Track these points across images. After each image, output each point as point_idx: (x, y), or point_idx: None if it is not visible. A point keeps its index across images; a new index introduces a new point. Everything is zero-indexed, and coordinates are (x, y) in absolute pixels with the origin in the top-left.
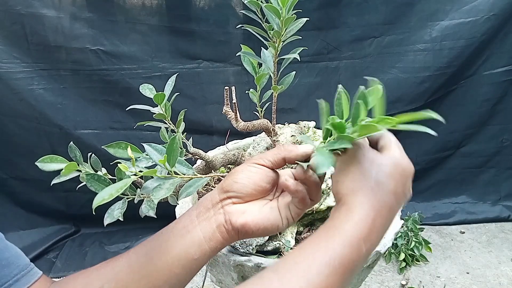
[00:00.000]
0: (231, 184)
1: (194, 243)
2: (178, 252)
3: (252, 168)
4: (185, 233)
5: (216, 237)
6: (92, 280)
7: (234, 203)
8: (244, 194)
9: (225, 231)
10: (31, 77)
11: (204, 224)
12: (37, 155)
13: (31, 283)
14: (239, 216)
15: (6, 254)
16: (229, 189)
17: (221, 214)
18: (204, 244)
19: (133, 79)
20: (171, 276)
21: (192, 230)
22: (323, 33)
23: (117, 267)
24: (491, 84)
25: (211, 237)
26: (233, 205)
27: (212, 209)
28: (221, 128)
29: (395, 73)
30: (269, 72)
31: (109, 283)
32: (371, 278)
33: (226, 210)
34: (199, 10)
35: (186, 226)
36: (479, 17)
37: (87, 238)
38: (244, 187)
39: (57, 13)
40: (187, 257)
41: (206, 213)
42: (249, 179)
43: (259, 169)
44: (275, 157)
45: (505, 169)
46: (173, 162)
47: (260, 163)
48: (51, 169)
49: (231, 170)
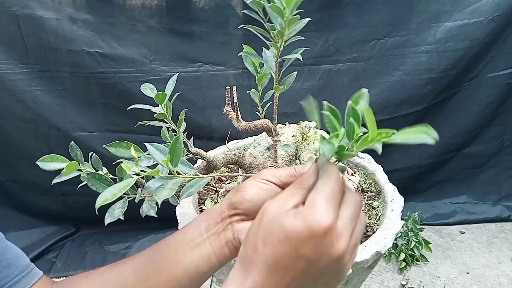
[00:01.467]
0: (241, 201)
1: (203, 257)
2: (187, 266)
3: (262, 185)
4: (194, 246)
5: (224, 252)
6: (97, 286)
7: (242, 220)
8: (253, 212)
9: (233, 247)
10: (29, 79)
11: (213, 238)
12: (35, 157)
13: (31, 284)
14: None
15: (7, 254)
16: (238, 206)
17: (230, 231)
18: (213, 259)
19: (131, 82)
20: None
21: (201, 244)
22: (324, 35)
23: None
24: (495, 86)
25: (220, 252)
26: (242, 222)
27: (221, 223)
28: (221, 133)
29: (399, 75)
30: (271, 72)
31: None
32: (371, 278)
33: (235, 227)
34: (199, 10)
35: (195, 238)
36: (483, 18)
37: (87, 238)
38: (253, 205)
39: (53, 14)
40: (197, 270)
41: (215, 227)
42: (259, 196)
43: (270, 186)
44: (287, 179)
45: (506, 169)
46: (176, 162)
47: (271, 181)
48: (52, 169)
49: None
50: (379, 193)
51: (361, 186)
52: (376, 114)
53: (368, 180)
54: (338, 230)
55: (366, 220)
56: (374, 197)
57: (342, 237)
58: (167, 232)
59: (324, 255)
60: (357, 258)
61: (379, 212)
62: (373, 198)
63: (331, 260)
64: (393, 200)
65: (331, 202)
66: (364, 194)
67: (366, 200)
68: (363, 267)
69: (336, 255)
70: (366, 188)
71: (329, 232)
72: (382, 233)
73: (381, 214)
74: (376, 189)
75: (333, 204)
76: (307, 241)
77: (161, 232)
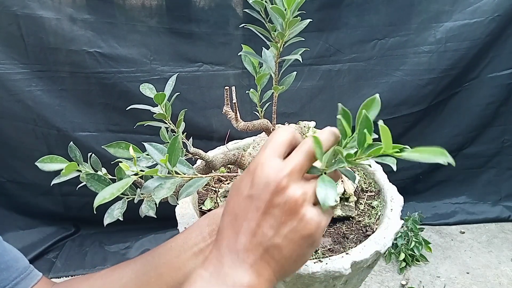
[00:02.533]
0: None
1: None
2: (190, 271)
3: None
4: (198, 252)
5: None
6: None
7: None
8: None
9: None
10: (29, 79)
11: None
12: (34, 158)
13: (31, 286)
14: None
15: (5, 257)
16: None
17: None
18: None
19: (131, 82)
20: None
21: (205, 249)
22: (324, 35)
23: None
24: (496, 86)
25: None
26: None
27: None
28: (221, 134)
29: (400, 75)
30: (270, 72)
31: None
32: (371, 278)
33: None
34: (199, 10)
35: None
36: (483, 18)
37: (87, 238)
38: None
39: (53, 14)
40: None
41: None
42: None
43: None
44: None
45: (506, 170)
46: (174, 161)
47: None
48: (51, 169)
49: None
50: (378, 192)
51: (361, 185)
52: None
53: (368, 179)
54: (273, 161)
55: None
56: (373, 197)
57: (278, 166)
58: (167, 232)
59: (260, 182)
60: (357, 258)
61: (378, 212)
62: (372, 197)
63: (270, 187)
64: (392, 199)
65: (272, 149)
66: (364, 194)
67: (366, 200)
68: (363, 266)
69: (270, 182)
70: (365, 187)
71: (262, 164)
72: (382, 232)
73: (380, 213)
74: (376, 188)
75: (273, 148)
76: (244, 178)
77: (161, 232)
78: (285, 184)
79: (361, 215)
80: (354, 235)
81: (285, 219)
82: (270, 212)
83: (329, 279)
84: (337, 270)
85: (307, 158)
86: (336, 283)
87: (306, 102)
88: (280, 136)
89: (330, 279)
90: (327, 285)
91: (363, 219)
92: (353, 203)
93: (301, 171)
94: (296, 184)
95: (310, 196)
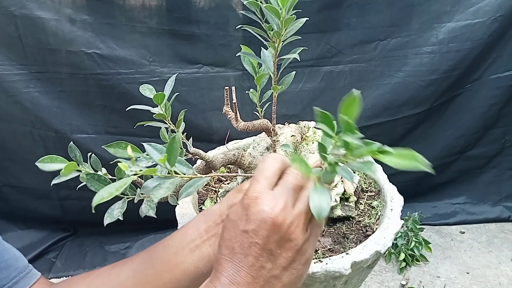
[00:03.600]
0: None
1: (203, 259)
2: (188, 267)
3: None
4: (194, 248)
5: None
6: (95, 287)
7: None
8: None
9: None
10: (26, 80)
11: (213, 240)
12: (31, 161)
13: (30, 285)
14: None
15: (5, 256)
16: None
17: None
18: (213, 260)
19: (130, 84)
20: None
21: (201, 245)
22: (326, 36)
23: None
24: (498, 88)
25: None
26: None
27: (221, 224)
28: (221, 135)
29: (402, 76)
30: (269, 72)
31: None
32: (371, 278)
33: None
34: (199, 11)
35: (195, 240)
36: (486, 18)
37: (87, 238)
38: None
39: (52, 15)
40: (197, 271)
41: (215, 228)
42: None
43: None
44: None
45: (507, 170)
46: (173, 161)
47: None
48: (51, 169)
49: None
50: (378, 192)
51: (361, 185)
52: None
53: (368, 179)
54: (267, 196)
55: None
56: (373, 197)
57: (272, 202)
58: (167, 232)
59: (256, 219)
60: (357, 258)
61: (378, 212)
62: (372, 197)
63: (267, 224)
64: (392, 199)
65: (264, 181)
66: (364, 194)
67: (366, 200)
68: (363, 266)
69: (265, 219)
70: (365, 187)
71: (256, 199)
72: (382, 232)
73: (380, 213)
74: (376, 188)
75: (265, 180)
76: (239, 212)
77: (161, 232)
78: (281, 221)
79: (361, 215)
80: (354, 235)
81: (282, 251)
82: (267, 248)
83: (329, 279)
84: (337, 270)
85: (296, 189)
86: (336, 283)
87: (307, 104)
88: (270, 167)
89: (330, 279)
90: (327, 285)
91: (363, 219)
92: (353, 203)
93: (293, 202)
94: (290, 217)
95: (303, 223)
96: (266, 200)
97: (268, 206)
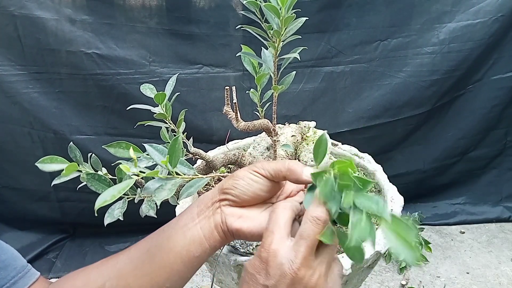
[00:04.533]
0: (231, 188)
1: (195, 241)
2: (180, 251)
3: (252, 177)
4: (186, 231)
5: (214, 236)
6: (93, 278)
7: (231, 205)
8: (241, 200)
9: (221, 230)
10: (25, 80)
11: (204, 222)
12: (30, 162)
13: (29, 285)
14: (235, 220)
15: (3, 256)
16: (228, 192)
17: (219, 214)
18: (205, 242)
19: (130, 84)
20: (172, 273)
21: (192, 228)
22: (326, 36)
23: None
24: (500, 88)
25: (210, 236)
26: (230, 207)
27: (212, 207)
28: (221, 136)
29: (403, 77)
30: (269, 72)
31: (111, 281)
32: (371, 278)
33: (223, 210)
34: (199, 11)
35: (187, 223)
36: (487, 19)
37: (87, 238)
38: (242, 194)
39: (51, 15)
40: (189, 254)
41: (206, 211)
42: (249, 186)
43: (259, 178)
44: (276, 172)
45: (507, 170)
46: (175, 162)
47: (261, 173)
48: (51, 170)
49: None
50: (378, 192)
51: None
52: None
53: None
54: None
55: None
56: None
57: (291, 254)
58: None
59: (275, 274)
60: None
61: None
62: None
63: (287, 279)
64: (392, 199)
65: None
66: None
67: None
68: (363, 266)
69: (286, 274)
70: None
71: (274, 252)
72: (382, 232)
73: None
74: (376, 189)
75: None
76: (257, 265)
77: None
78: (302, 275)
79: None
80: None
81: None
82: None
83: None
84: None
85: (313, 244)
86: None
87: (308, 105)
88: (282, 218)
89: None
90: None
91: None
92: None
93: (312, 253)
94: (311, 268)
95: (324, 274)
96: (284, 253)
97: (286, 260)
